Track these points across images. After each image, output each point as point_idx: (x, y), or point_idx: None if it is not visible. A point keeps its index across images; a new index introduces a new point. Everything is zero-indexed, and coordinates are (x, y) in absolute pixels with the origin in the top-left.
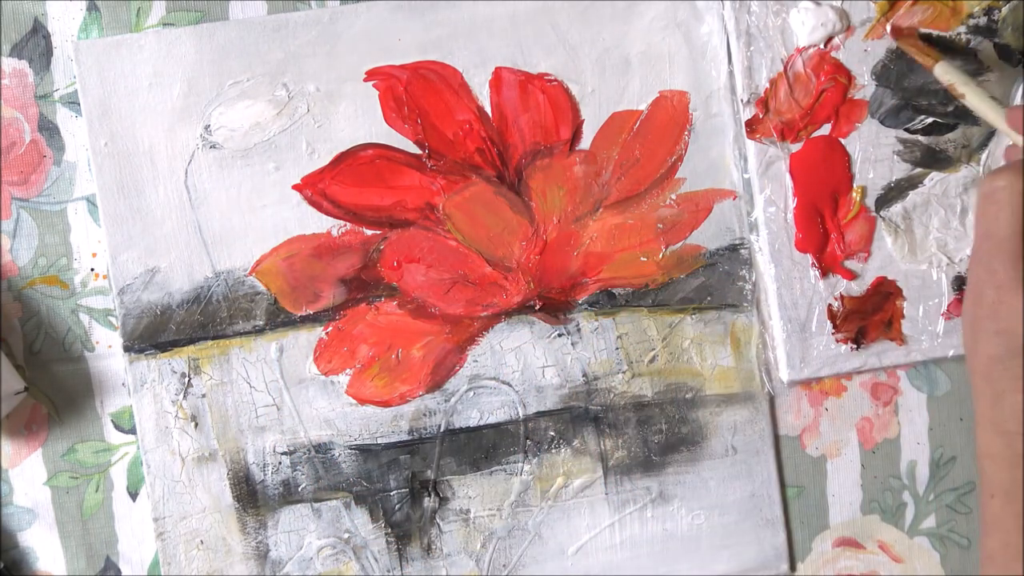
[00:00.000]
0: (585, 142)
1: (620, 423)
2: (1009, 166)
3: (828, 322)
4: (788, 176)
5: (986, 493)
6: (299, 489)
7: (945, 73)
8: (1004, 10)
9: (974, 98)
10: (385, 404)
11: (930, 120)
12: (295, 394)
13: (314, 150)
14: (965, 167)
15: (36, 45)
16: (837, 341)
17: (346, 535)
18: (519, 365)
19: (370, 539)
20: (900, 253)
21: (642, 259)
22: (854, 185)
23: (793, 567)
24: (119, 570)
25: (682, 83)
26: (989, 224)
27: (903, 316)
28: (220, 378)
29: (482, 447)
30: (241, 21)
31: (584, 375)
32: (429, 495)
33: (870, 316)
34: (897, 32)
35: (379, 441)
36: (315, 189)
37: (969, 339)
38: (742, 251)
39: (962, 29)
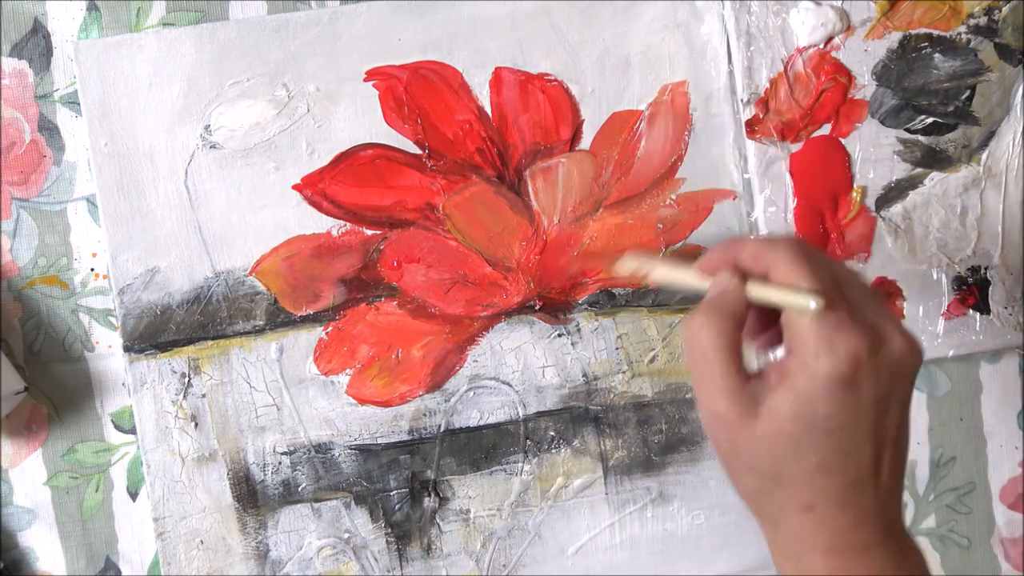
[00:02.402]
0: (585, 142)
1: (620, 423)
2: (701, 306)
3: None
4: (788, 176)
5: None
6: (299, 489)
7: (623, 266)
8: (1004, 10)
9: (660, 272)
10: (385, 404)
11: (930, 120)
12: (295, 394)
13: (314, 150)
14: (965, 167)
15: (36, 45)
16: None
17: (346, 535)
18: (519, 365)
19: (370, 539)
20: (900, 253)
21: None
22: (854, 185)
23: None
24: (119, 570)
25: None
26: (699, 367)
27: (903, 316)
28: (220, 378)
29: (482, 447)
30: (241, 21)
31: (584, 375)
32: (429, 495)
33: None
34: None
35: (379, 441)
36: (315, 189)
37: (731, 480)
38: None
39: (962, 29)
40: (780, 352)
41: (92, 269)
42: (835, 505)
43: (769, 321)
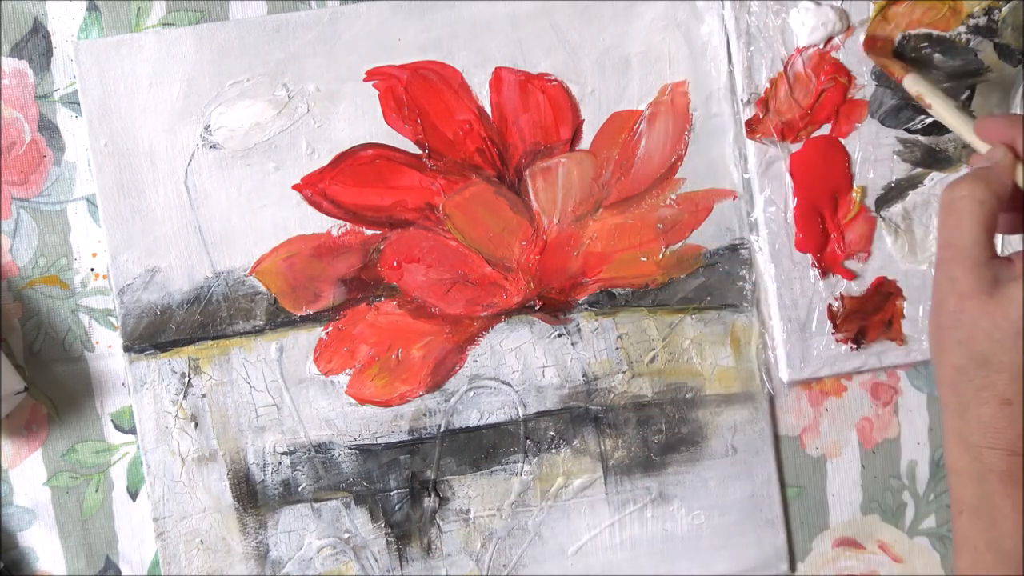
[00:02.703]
0: (585, 142)
1: (620, 423)
2: (968, 175)
3: (828, 322)
4: (788, 176)
5: (955, 510)
6: (299, 489)
7: (914, 84)
8: (1004, 10)
9: (941, 108)
10: (385, 404)
11: (930, 120)
12: (295, 394)
13: (314, 150)
14: (965, 167)
15: (36, 45)
16: (837, 341)
17: (346, 535)
18: (519, 365)
19: (370, 539)
20: (900, 253)
21: (642, 259)
22: (854, 185)
23: (793, 567)
24: (119, 570)
25: None
26: (950, 233)
27: (903, 316)
28: (220, 378)
29: (482, 447)
30: (241, 21)
31: (584, 375)
32: (429, 495)
33: (870, 316)
34: (870, 44)
35: (379, 441)
36: (315, 189)
37: (935, 350)
38: (742, 251)
39: (962, 29)
40: None
41: (92, 269)
42: None
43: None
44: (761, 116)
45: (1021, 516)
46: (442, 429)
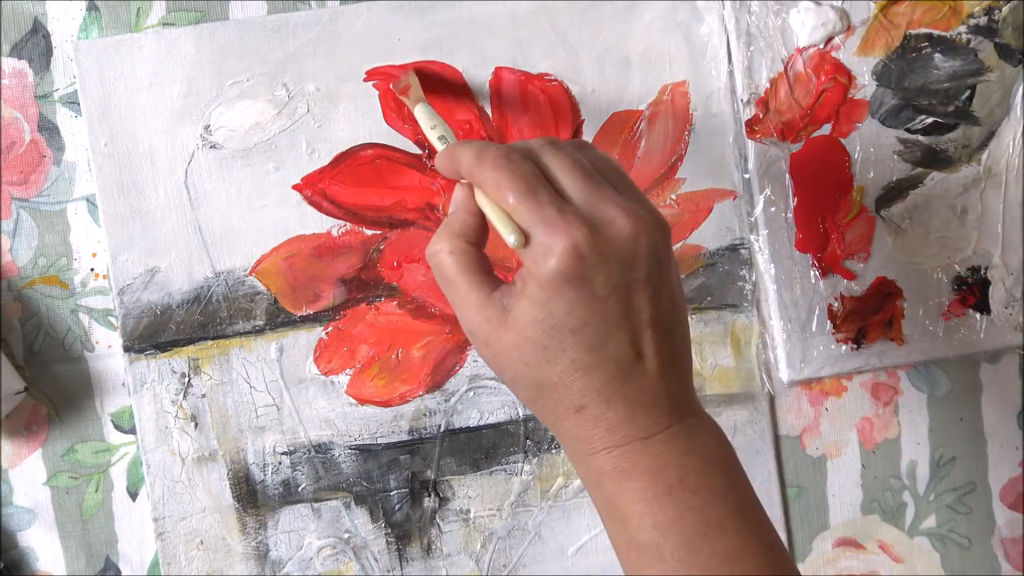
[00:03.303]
0: None
1: None
2: (439, 229)
3: (828, 322)
4: (788, 176)
5: (602, 521)
6: (299, 489)
7: (420, 114)
8: (1004, 10)
9: (430, 138)
10: (385, 404)
11: (930, 120)
12: (295, 394)
13: (314, 150)
14: (965, 167)
15: (36, 45)
16: (837, 341)
17: (346, 535)
18: None
19: (370, 539)
20: (900, 253)
21: None
22: (854, 185)
23: None
24: (119, 570)
25: None
26: (446, 291)
27: (903, 316)
28: (220, 378)
29: (482, 447)
30: (241, 21)
31: None
32: (429, 495)
33: (870, 316)
34: (395, 84)
35: (379, 441)
36: (315, 189)
37: (514, 392)
38: (742, 251)
39: (962, 29)
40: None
41: (92, 269)
42: (603, 401)
43: None
44: (761, 116)
45: (643, 503)
46: (442, 429)
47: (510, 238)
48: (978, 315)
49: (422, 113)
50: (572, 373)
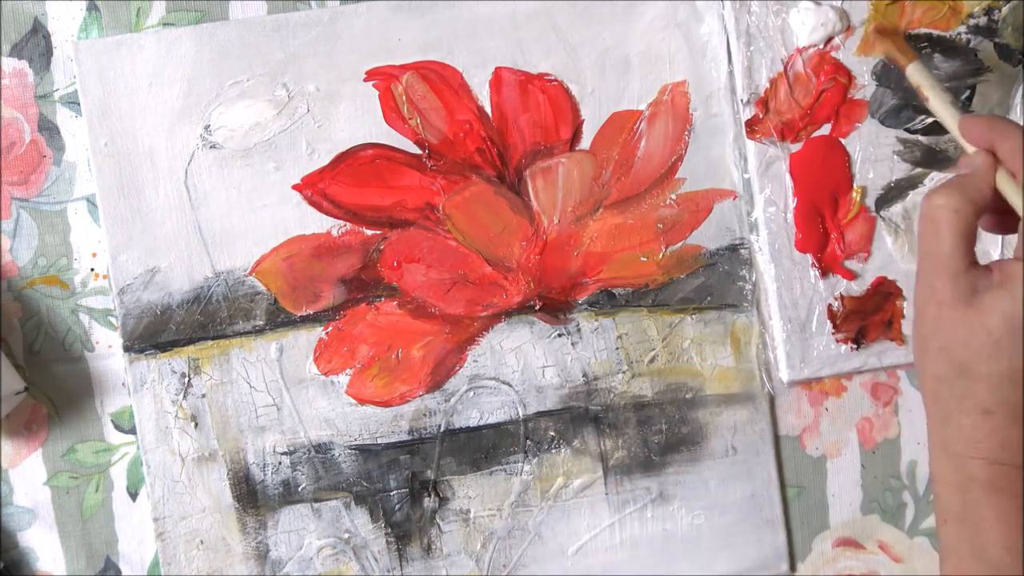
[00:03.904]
0: (585, 142)
1: (620, 423)
2: (946, 184)
3: (828, 322)
4: (788, 176)
5: (939, 518)
6: (299, 489)
7: (916, 73)
8: (1004, 10)
9: (937, 102)
10: (385, 404)
11: (930, 120)
12: (295, 394)
13: (314, 150)
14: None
15: (36, 45)
16: (837, 341)
17: (346, 535)
18: (519, 365)
19: (370, 539)
20: (900, 253)
21: (642, 259)
22: (854, 185)
23: (793, 567)
24: (119, 570)
25: None
26: (928, 243)
27: (903, 316)
28: (220, 378)
29: (482, 447)
30: (241, 21)
31: (584, 375)
32: (429, 495)
33: (870, 316)
34: (882, 29)
35: (379, 441)
36: (315, 189)
37: (917, 359)
38: (742, 251)
39: (962, 29)
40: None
41: (92, 269)
42: (1012, 416)
43: (1009, 209)
44: (761, 116)
45: (1004, 525)
46: (442, 429)
47: None
48: None
49: (921, 75)
50: (1003, 378)
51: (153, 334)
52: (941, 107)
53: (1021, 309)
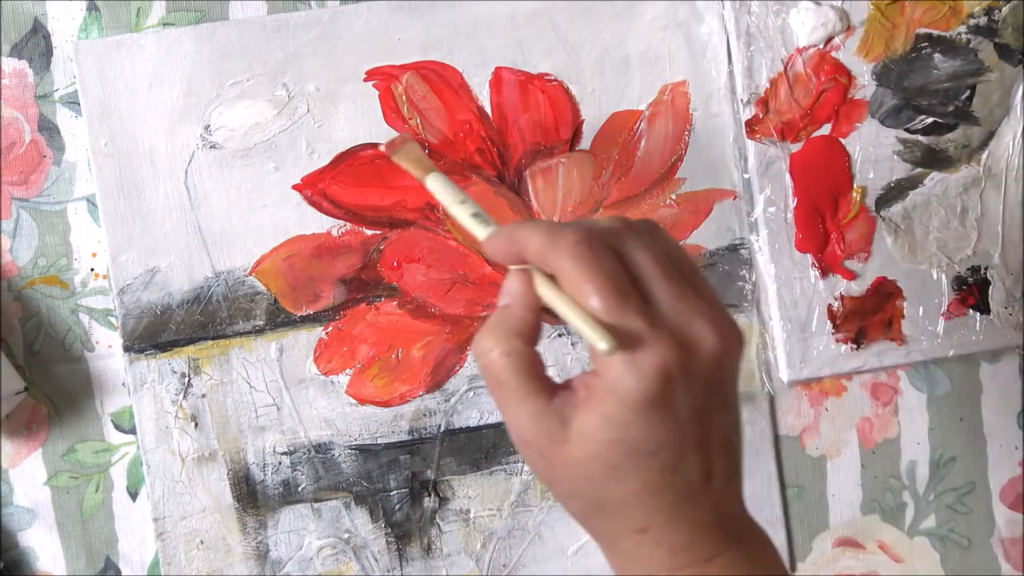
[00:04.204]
0: (585, 142)
1: None
2: (488, 325)
3: (828, 322)
4: (788, 176)
5: None
6: (299, 489)
7: (435, 184)
8: (1004, 10)
9: (459, 217)
10: (385, 404)
11: (930, 120)
12: (295, 394)
13: (314, 150)
14: (965, 167)
15: (36, 45)
16: (837, 341)
17: (346, 535)
18: None
19: (370, 539)
20: (900, 253)
21: None
22: (854, 185)
23: (793, 567)
24: (119, 570)
25: None
26: (497, 395)
27: (903, 316)
28: (220, 378)
29: (482, 447)
30: (241, 21)
31: None
32: (429, 495)
33: (870, 316)
34: (392, 145)
35: (379, 441)
36: (315, 189)
37: (561, 503)
38: (742, 251)
39: (962, 29)
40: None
41: (92, 269)
42: (668, 523)
43: None
44: (761, 116)
45: None
46: (442, 429)
47: (601, 345)
48: (978, 315)
49: (441, 186)
50: (641, 495)
51: (153, 334)
52: (466, 223)
53: (619, 428)
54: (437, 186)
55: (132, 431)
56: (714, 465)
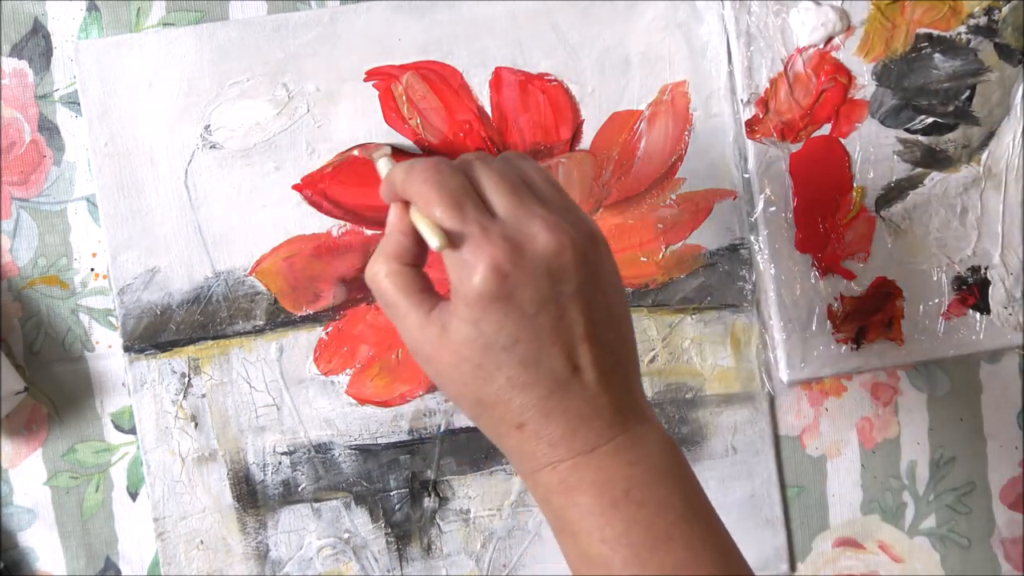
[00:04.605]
0: (585, 142)
1: None
2: (376, 252)
3: (828, 322)
4: (788, 176)
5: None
6: (299, 489)
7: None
8: (1004, 10)
9: (380, 165)
10: (385, 404)
11: (930, 120)
12: (295, 394)
13: (314, 150)
14: (965, 167)
15: (36, 45)
16: (837, 341)
17: (346, 535)
18: None
19: (370, 539)
20: (900, 253)
21: (642, 259)
22: (854, 185)
23: (793, 567)
24: (119, 570)
25: None
26: (388, 313)
27: (903, 316)
28: (220, 378)
29: (482, 447)
30: (241, 21)
31: None
32: (429, 495)
33: (870, 316)
34: (364, 148)
35: (379, 441)
36: (315, 189)
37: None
38: (742, 251)
39: (962, 29)
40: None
41: (92, 269)
42: (543, 418)
43: None
44: (761, 116)
45: (589, 518)
46: (442, 429)
47: (433, 241)
48: (978, 315)
49: (382, 162)
50: (509, 391)
51: (153, 334)
52: (382, 171)
53: (472, 327)
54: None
55: (132, 431)
56: (580, 358)
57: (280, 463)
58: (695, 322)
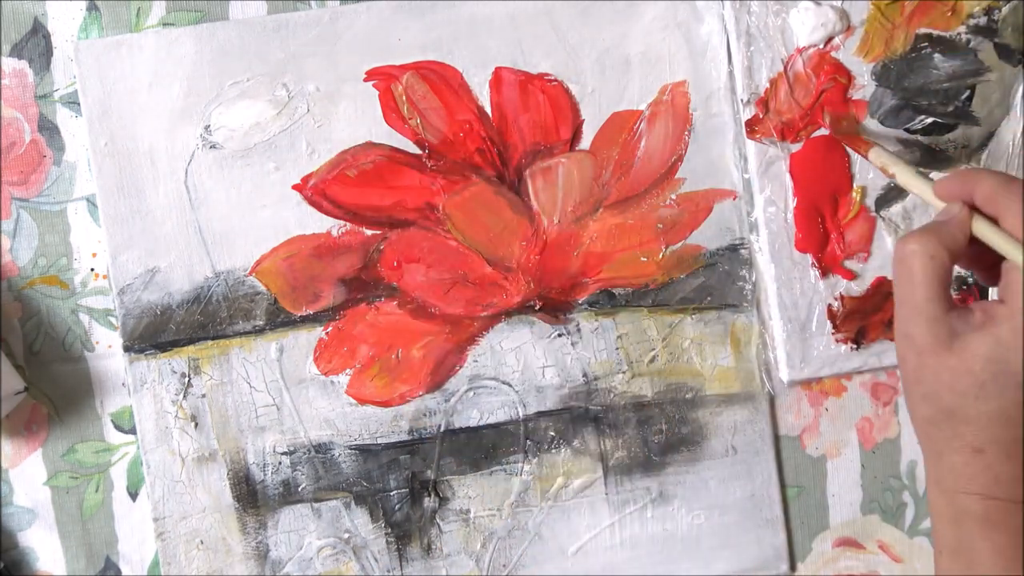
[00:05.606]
0: (585, 142)
1: (620, 423)
2: (920, 229)
3: (828, 322)
4: (788, 176)
5: (936, 550)
6: (299, 489)
7: (879, 156)
8: (1004, 10)
9: (905, 177)
10: (385, 404)
11: (930, 120)
12: (295, 394)
13: (314, 150)
14: (965, 167)
15: (36, 45)
16: (837, 341)
17: (346, 535)
18: (519, 365)
19: (370, 539)
20: None
21: (642, 259)
22: (854, 185)
23: (793, 567)
24: (119, 570)
25: None
26: (903, 290)
27: None
28: (220, 378)
29: (482, 447)
30: (241, 21)
31: (584, 375)
32: (429, 495)
33: (870, 316)
34: (835, 123)
35: (379, 441)
36: (315, 189)
37: (907, 402)
38: (742, 251)
39: (962, 29)
40: (992, 294)
41: (92, 269)
42: (1004, 453)
43: (991, 259)
44: (761, 116)
45: (998, 559)
46: (442, 429)
47: (1018, 255)
48: None
49: (881, 156)
50: (992, 417)
51: (153, 334)
52: (911, 180)
53: (1004, 351)
54: (880, 157)
55: (132, 431)
56: None
57: (280, 463)
58: (695, 322)
